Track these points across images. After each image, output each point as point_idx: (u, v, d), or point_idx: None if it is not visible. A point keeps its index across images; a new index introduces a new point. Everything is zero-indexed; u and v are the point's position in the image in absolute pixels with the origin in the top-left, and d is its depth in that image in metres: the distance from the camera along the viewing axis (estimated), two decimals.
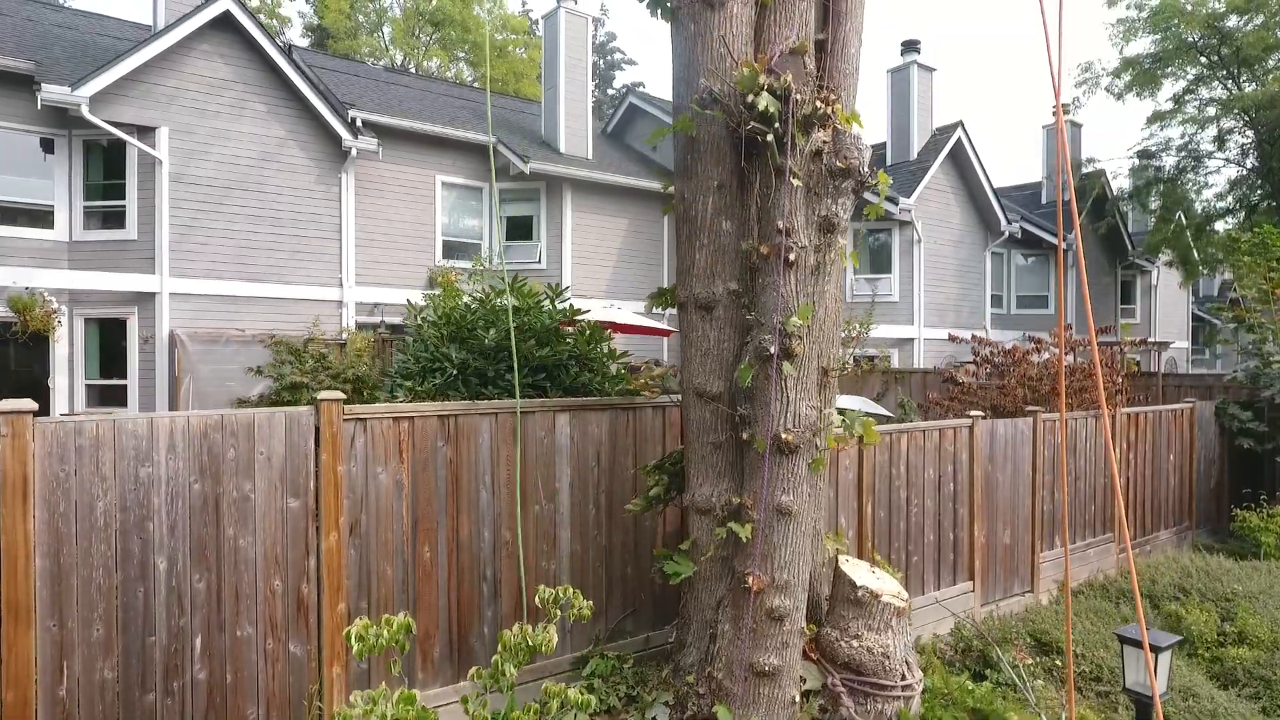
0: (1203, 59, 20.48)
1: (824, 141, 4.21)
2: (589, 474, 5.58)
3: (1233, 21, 18.67)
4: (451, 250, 16.85)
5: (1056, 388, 10.10)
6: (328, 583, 4.43)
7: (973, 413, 8.52)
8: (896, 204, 17.61)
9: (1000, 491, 8.82)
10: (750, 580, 4.27)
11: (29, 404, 3.82)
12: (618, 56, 55.21)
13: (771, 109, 4.04)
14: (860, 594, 4.70)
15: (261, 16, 35.37)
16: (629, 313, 14.84)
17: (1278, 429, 12.90)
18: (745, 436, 4.33)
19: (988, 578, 8.67)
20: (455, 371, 5.17)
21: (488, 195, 17.24)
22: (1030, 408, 9.42)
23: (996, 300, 22.71)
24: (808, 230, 4.21)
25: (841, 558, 5.10)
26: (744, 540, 4.31)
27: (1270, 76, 18.46)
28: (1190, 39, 19.25)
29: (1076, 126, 24.38)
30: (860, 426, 4.51)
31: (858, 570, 5.01)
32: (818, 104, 4.11)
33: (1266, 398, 12.92)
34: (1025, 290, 23.27)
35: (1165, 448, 11.80)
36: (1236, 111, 18.36)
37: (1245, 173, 20.32)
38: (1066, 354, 10.79)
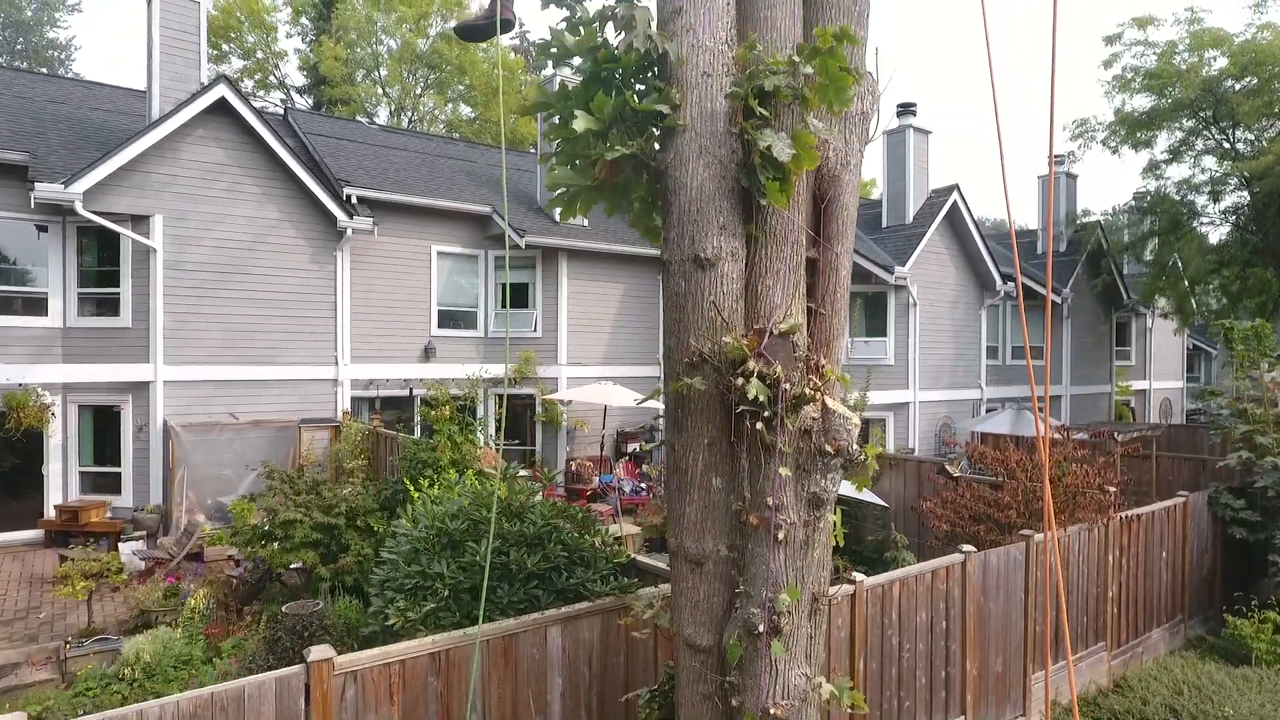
0: (1201, 113, 20.54)
1: (813, 418, 4.22)
2: (580, 680, 5.58)
3: (1229, 82, 18.73)
4: (447, 319, 16.85)
5: (1054, 503, 10.10)
6: None
7: (965, 548, 8.53)
8: (892, 271, 17.63)
9: (993, 621, 8.83)
10: None
11: None
12: None
13: (762, 397, 4.05)
14: None
15: (258, 77, 35.48)
16: (621, 391, 14.87)
17: (1270, 518, 12.95)
18: (734, 703, 4.33)
19: (979, 708, 8.69)
20: (447, 592, 5.17)
21: (484, 264, 17.25)
22: (1023, 531, 9.44)
23: (992, 352, 22.75)
24: (797, 507, 4.22)
25: None
26: None
27: (1268, 142, 18.52)
28: (1187, 98, 19.32)
29: (1072, 178, 24.44)
30: (849, 698, 4.50)
31: None
32: (807, 390, 4.12)
33: (1260, 488, 12.97)
34: (1020, 341, 23.29)
35: (1158, 545, 11.82)
36: (1232, 176, 18.43)
37: (1239, 232, 20.40)
38: (1057, 460, 10.79)
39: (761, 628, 4.14)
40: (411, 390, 16.17)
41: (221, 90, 13.27)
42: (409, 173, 17.38)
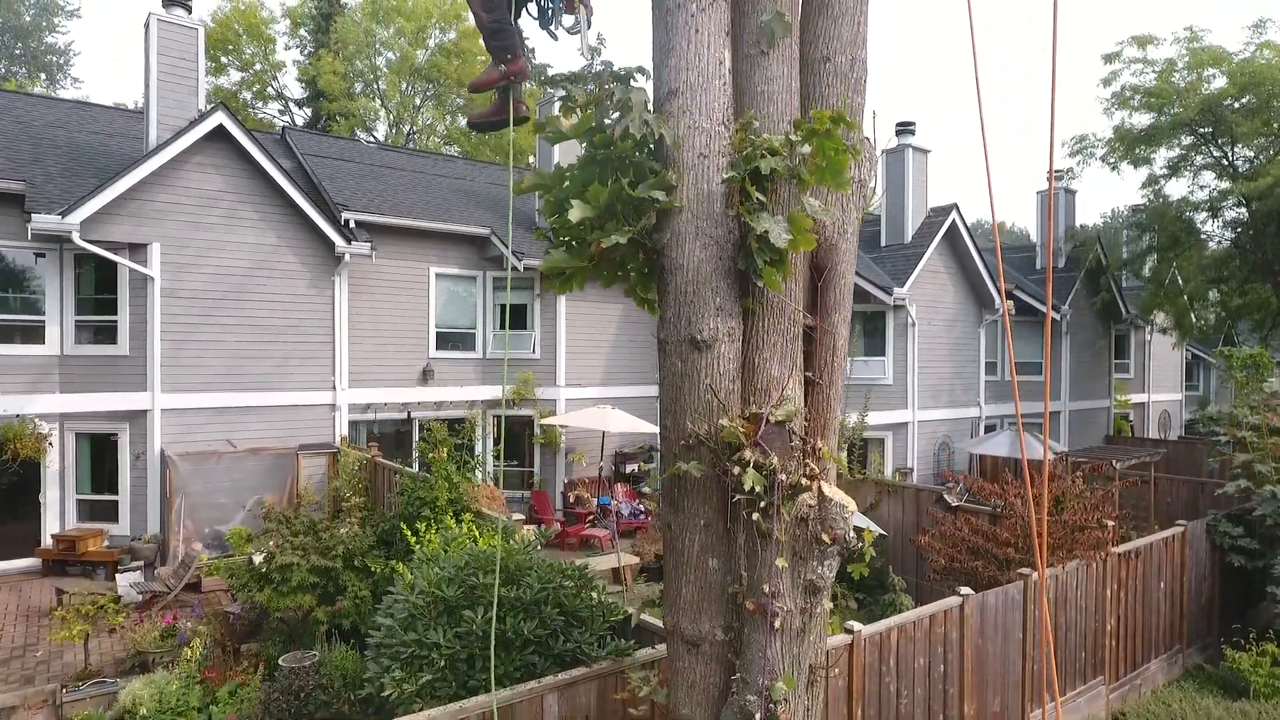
0: (1199, 131, 20.52)
1: (810, 505, 4.21)
2: None
3: (1227, 101, 18.70)
4: (445, 341, 16.84)
5: (1052, 539, 10.10)
6: None
7: (963, 590, 8.52)
8: (891, 293, 17.63)
9: (991, 662, 8.82)
10: None
11: None
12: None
13: (758, 487, 4.04)
14: None
15: (256, 88, 35.41)
16: (620, 415, 14.85)
17: (1269, 545, 12.95)
18: None
19: None
20: (444, 663, 5.15)
21: (482, 285, 17.25)
22: (1021, 570, 9.44)
23: (991, 368, 22.73)
24: (794, 594, 4.21)
25: None
26: None
27: (1267, 160, 18.51)
28: (1186, 117, 19.31)
29: (1070, 194, 24.44)
30: None
31: None
32: (803, 479, 4.11)
33: (1258, 517, 12.98)
34: (1020, 357, 23.29)
35: (1156, 576, 11.82)
36: (1231, 195, 18.42)
37: (1238, 250, 20.40)
38: (1055, 495, 10.78)
39: (758, 716, 4.12)
40: (409, 413, 16.15)
41: (220, 118, 13.26)
42: (407, 194, 17.37)
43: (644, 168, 4.48)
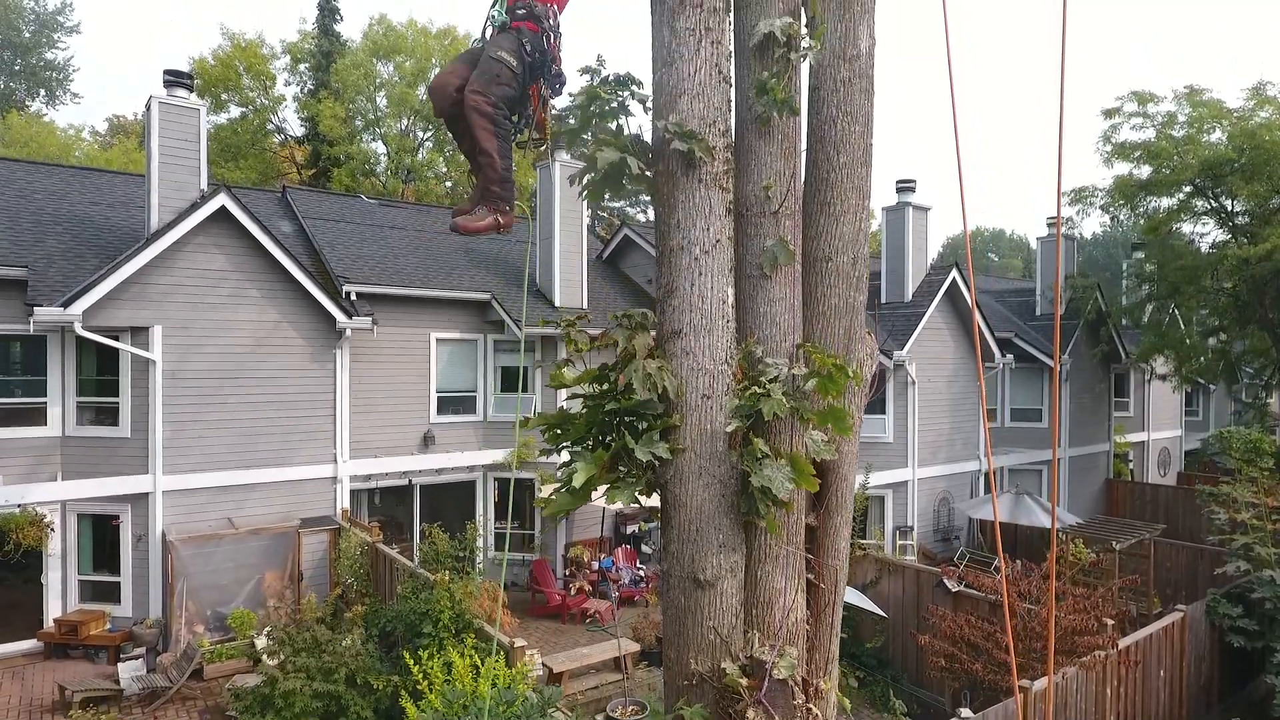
0: (1198, 183, 20.54)
1: None
2: None
3: (1227, 161, 18.72)
4: (446, 405, 16.86)
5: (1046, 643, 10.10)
6: None
7: (964, 713, 8.54)
8: (891, 356, 17.66)
9: None
10: None
11: None
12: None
13: None
14: None
15: (257, 124, 35.29)
16: None
17: (1268, 626, 12.98)
18: None
19: None
20: None
21: (483, 348, 17.28)
22: (1021, 683, 9.45)
23: (991, 415, 22.79)
24: None
25: None
26: None
27: (1265, 222, 18.55)
28: (1186, 177, 19.34)
29: (1070, 240, 24.48)
30: None
31: None
32: None
33: (1257, 599, 13.00)
34: (1019, 403, 23.34)
35: (1155, 665, 11.84)
36: (1230, 255, 18.44)
37: (1237, 304, 20.41)
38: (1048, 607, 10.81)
39: None
40: (411, 480, 16.17)
41: (222, 200, 13.29)
42: (408, 257, 17.40)
43: (649, 406, 4.49)
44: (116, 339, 12.88)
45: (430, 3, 70.48)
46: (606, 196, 4.97)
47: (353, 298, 15.11)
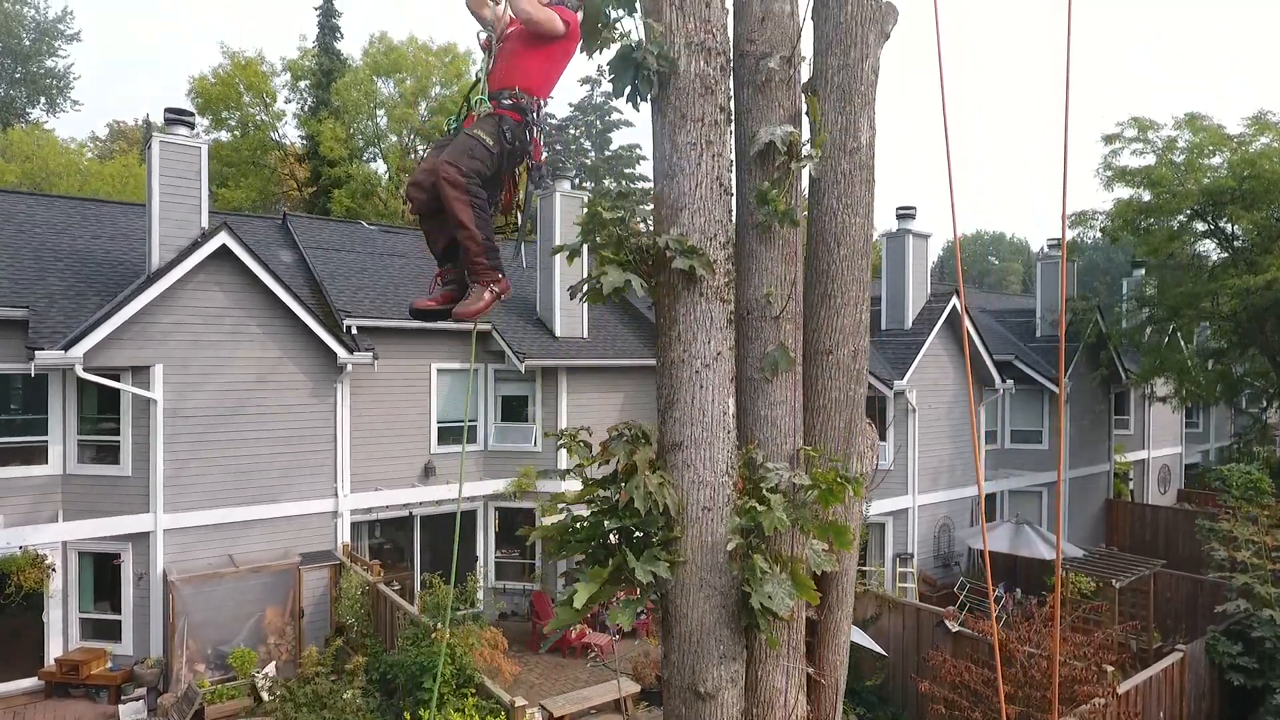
0: (1197, 208, 20.58)
1: None
2: None
3: (1226, 192, 18.75)
4: (447, 435, 16.87)
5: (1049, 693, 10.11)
6: None
7: None
8: (891, 385, 17.67)
9: None
10: None
11: None
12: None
13: None
14: None
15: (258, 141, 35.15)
16: None
17: (1268, 664, 12.99)
18: None
19: None
20: None
21: (484, 378, 17.30)
22: None
23: (991, 436, 22.76)
24: None
25: None
26: None
27: (1265, 250, 18.58)
28: (1186, 205, 19.39)
29: (1071, 261, 24.49)
30: None
31: None
32: None
33: (1257, 638, 13.02)
34: (1019, 425, 23.33)
35: (1155, 706, 11.85)
36: (1229, 286, 18.46)
37: (1236, 330, 20.45)
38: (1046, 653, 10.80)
39: None
40: (411, 512, 16.18)
41: (223, 239, 13.30)
42: (408, 288, 17.40)
43: (650, 521, 4.50)
44: (117, 379, 12.89)
45: (431, 20, 70.69)
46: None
47: (354, 331, 15.12)
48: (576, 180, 34.52)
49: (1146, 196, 20.82)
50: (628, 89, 4.54)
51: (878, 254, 21.91)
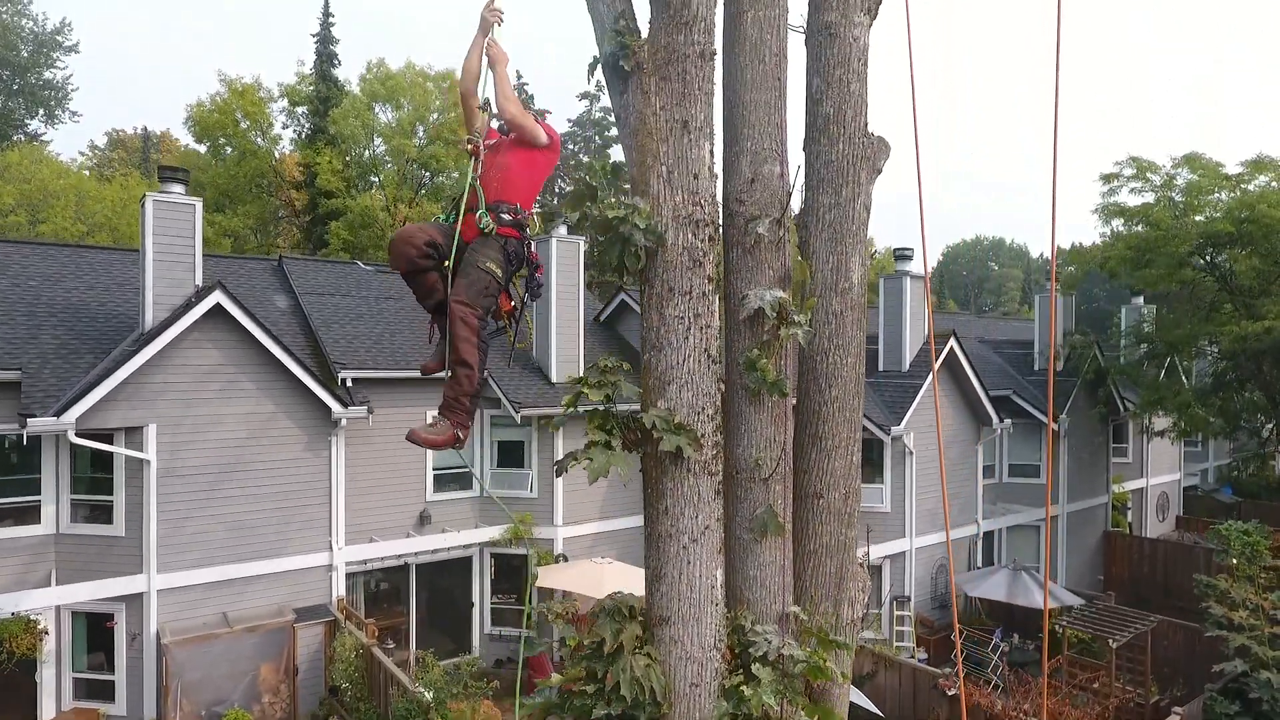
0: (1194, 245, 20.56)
1: None
2: None
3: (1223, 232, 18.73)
4: (443, 483, 16.82)
5: None
6: None
7: None
8: (889, 431, 17.64)
9: None
10: None
11: None
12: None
13: None
14: None
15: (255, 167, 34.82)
16: (616, 570, 14.81)
17: None
18: None
19: None
20: None
21: (479, 423, 17.23)
22: None
23: (989, 471, 22.70)
24: None
25: None
26: None
27: (1262, 293, 18.59)
28: (1185, 251, 19.38)
29: (1069, 295, 24.46)
30: None
31: None
32: None
33: (1254, 699, 12.96)
34: (1017, 459, 23.30)
35: None
36: (1226, 336, 18.44)
37: (1235, 370, 20.43)
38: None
39: None
40: (406, 561, 16.13)
41: (217, 298, 13.25)
42: (403, 335, 17.35)
43: (637, 707, 4.43)
44: (110, 440, 12.83)
45: (430, 46, 70.65)
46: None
47: (348, 384, 15.08)
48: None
49: (1141, 229, 20.78)
50: (615, 261, 4.51)
51: (874, 296, 21.91)
